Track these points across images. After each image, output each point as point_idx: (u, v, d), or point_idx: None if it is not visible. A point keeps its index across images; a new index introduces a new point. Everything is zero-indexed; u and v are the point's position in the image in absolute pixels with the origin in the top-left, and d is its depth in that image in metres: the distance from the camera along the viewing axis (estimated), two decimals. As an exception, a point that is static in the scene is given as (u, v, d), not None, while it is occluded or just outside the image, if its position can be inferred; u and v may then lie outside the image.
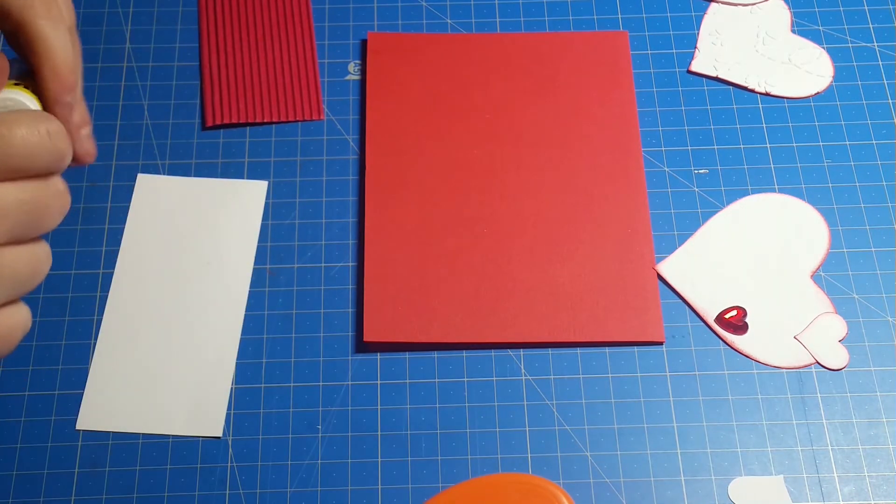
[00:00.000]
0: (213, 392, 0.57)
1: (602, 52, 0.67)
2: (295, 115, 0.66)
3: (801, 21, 0.69)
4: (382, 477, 0.55)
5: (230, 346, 0.58)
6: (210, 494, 0.54)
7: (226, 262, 0.61)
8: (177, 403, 0.57)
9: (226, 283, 0.60)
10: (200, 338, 0.59)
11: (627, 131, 0.64)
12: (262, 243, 0.62)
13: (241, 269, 0.61)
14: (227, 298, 0.60)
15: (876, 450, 0.56)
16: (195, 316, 0.59)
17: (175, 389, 0.57)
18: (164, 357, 0.58)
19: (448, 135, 0.64)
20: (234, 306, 0.60)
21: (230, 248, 0.61)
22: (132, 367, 0.58)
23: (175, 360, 0.58)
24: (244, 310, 0.59)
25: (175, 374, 0.58)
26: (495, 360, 0.58)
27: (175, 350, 0.58)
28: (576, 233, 0.61)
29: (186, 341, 0.59)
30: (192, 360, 0.58)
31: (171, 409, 0.57)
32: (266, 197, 0.63)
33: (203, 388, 0.57)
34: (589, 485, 0.55)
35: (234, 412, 0.57)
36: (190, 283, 0.60)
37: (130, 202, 0.63)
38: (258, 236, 0.62)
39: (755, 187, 0.63)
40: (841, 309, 0.59)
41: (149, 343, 0.59)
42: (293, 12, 0.69)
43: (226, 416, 0.56)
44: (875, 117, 0.65)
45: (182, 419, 0.56)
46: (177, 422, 0.56)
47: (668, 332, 0.59)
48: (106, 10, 0.69)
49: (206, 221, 0.62)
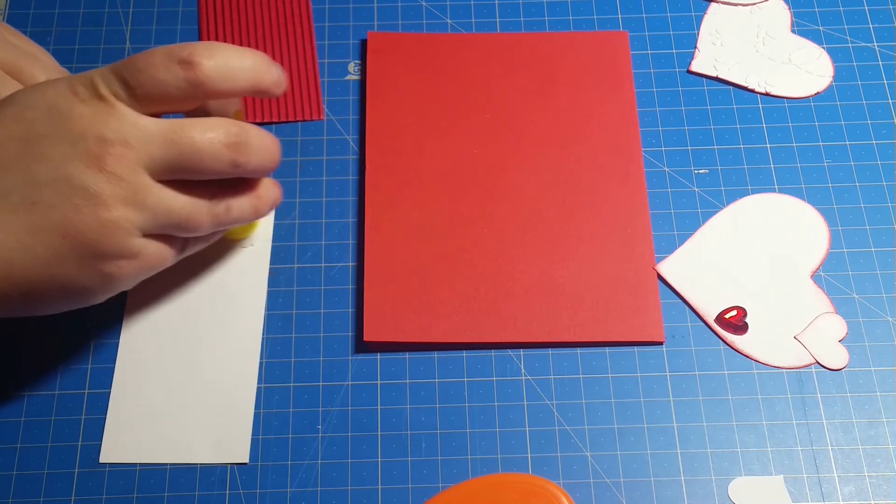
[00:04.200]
0: (236, 418, 0.56)
1: (602, 52, 0.67)
2: (295, 115, 0.66)
3: (801, 21, 0.69)
4: (382, 477, 0.55)
5: (250, 372, 0.57)
6: (210, 494, 0.54)
7: (239, 285, 0.60)
8: (200, 432, 0.56)
9: (240, 309, 0.59)
10: (218, 367, 0.57)
11: (627, 131, 0.64)
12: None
13: (256, 292, 0.60)
14: (243, 324, 0.58)
15: (876, 450, 0.56)
16: (211, 344, 0.58)
17: (196, 418, 0.56)
18: (182, 385, 0.57)
19: (448, 134, 0.64)
20: (251, 332, 0.58)
21: (242, 270, 0.60)
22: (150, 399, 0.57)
23: (193, 389, 0.57)
24: (262, 334, 0.58)
25: (195, 403, 0.56)
26: (495, 360, 0.58)
27: (193, 379, 0.57)
28: (576, 233, 0.61)
29: (204, 370, 0.57)
30: (211, 388, 0.57)
31: (193, 439, 0.56)
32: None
33: (225, 416, 0.56)
34: (589, 485, 0.55)
35: (234, 412, 0.57)
36: (203, 309, 0.59)
37: None
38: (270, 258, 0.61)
39: (755, 187, 0.63)
40: (841, 309, 0.60)
41: (165, 373, 0.57)
42: (293, 12, 0.69)
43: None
44: (875, 117, 0.65)
45: (207, 448, 0.55)
46: (201, 451, 0.55)
47: (668, 332, 0.59)
48: (106, 10, 0.69)
49: (215, 244, 0.60)
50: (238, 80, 0.51)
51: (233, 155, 0.51)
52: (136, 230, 0.50)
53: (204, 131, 0.51)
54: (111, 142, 0.49)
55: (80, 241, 0.49)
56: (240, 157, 0.52)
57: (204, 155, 0.50)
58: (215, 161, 0.51)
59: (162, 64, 0.50)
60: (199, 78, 0.50)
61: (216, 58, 0.50)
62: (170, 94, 0.50)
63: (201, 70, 0.50)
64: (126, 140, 0.49)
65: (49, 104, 0.50)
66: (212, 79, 0.50)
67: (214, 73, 0.50)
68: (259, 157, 0.53)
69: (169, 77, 0.49)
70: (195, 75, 0.50)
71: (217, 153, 0.51)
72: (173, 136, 0.50)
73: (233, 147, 0.51)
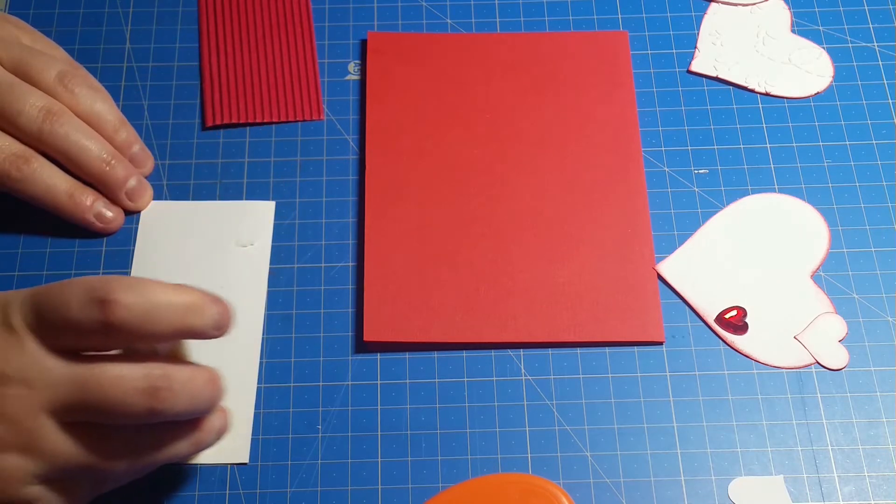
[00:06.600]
0: (236, 418, 0.55)
1: (602, 52, 0.67)
2: (295, 115, 0.66)
3: (801, 21, 0.69)
4: (382, 477, 0.55)
5: (250, 372, 0.57)
6: (210, 494, 0.54)
7: (239, 286, 0.59)
8: None
9: (241, 309, 0.59)
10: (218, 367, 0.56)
11: (627, 131, 0.64)
12: (262, 243, 0.62)
13: (256, 292, 0.60)
14: (243, 324, 0.58)
15: (876, 450, 0.56)
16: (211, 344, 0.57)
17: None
18: None
19: (448, 134, 0.64)
20: (251, 332, 0.58)
21: (242, 271, 0.60)
22: None
23: None
24: (261, 334, 0.58)
25: None
26: (495, 360, 0.58)
27: None
28: (576, 233, 0.61)
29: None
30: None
31: None
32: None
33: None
34: (589, 485, 0.55)
35: (234, 412, 0.57)
36: None
37: (138, 230, 0.62)
38: (269, 258, 0.61)
39: (755, 187, 0.63)
40: (841, 309, 0.60)
41: None
42: (293, 12, 0.69)
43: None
44: (875, 117, 0.65)
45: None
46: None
47: (668, 332, 0.59)
48: (106, 10, 0.69)
49: (215, 246, 0.60)
50: (160, 325, 0.46)
51: (150, 403, 0.45)
52: (30, 478, 0.45)
53: (116, 377, 0.45)
54: (9, 381, 0.44)
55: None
56: (157, 405, 0.46)
57: (114, 402, 0.45)
58: (127, 409, 0.45)
59: (77, 301, 0.45)
60: (112, 322, 0.44)
61: (136, 298, 0.45)
62: (83, 334, 0.45)
63: (116, 313, 0.44)
64: (27, 380, 0.45)
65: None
66: (128, 323, 0.45)
67: (131, 318, 0.45)
68: (185, 402, 0.47)
69: (82, 317, 0.45)
70: (108, 318, 0.44)
71: (130, 401, 0.45)
72: (80, 379, 0.45)
73: (150, 394, 0.45)
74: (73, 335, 0.45)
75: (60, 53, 0.64)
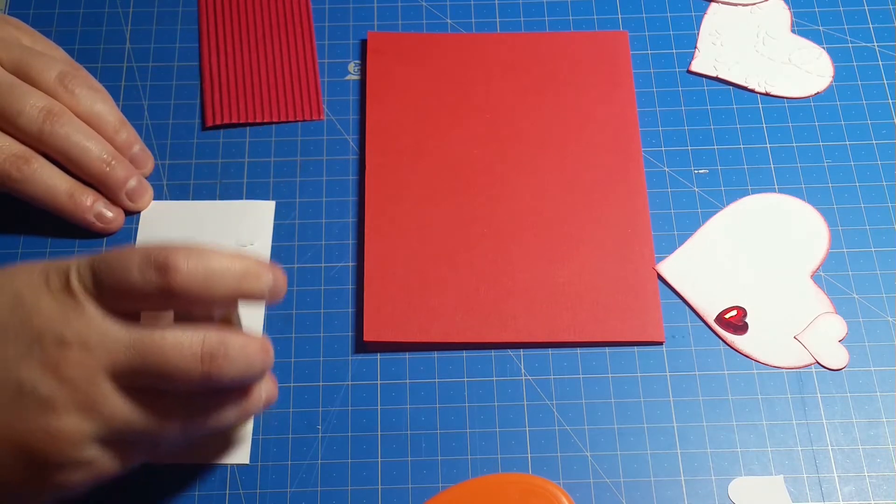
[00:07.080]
0: None
1: (602, 52, 0.67)
2: (295, 115, 0.66)
3: (801, 21, 0.69)
4: (382, 477, 0.55)
5: None
6: (210, 494, 0.54)
7: None
8: None
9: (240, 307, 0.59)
10: None
11: (627, 131, 0.64)
12: (262, 243, 0.62)
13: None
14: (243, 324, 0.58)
15: (876, 450, 0.56)
16: None
17: None
18: None
19: (448, 135, 0.64)
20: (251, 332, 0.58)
21: None
22: None
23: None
24: (261, 334, 0.58)
25: None
26: (495, 360, 0.58)
27: None
28: (576, 233, 0.61)
29: None
30: None
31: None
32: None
33: None
34: (589, 485, 0.55)
35: (234, 412, 0.57)
36: None
37: (138, 231, 0.62)
38: (269, 258, 0.61)
39: (755, 187, 0.63)
40: (841, 309, 0.60)
41: None
42: (293, 12, 0.69)
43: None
44: (875, 117, 0.65)
45: (207, 448, 0.55)
46: (201, 451, 0.55)
47: (668, 332, 0.59)
48: (106, 10, 0.69)
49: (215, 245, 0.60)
50: (218, 290, 0.47)
51: (206, 368, 0.47)
52: (88, 440, 0.46)
53: (176, 343, 0.46)
54: (69, 344, 0.45)
55: (24, 449, 0.45)
56: (214, 371, 0.47)
57: (172, 368, 0.46)
58: (185, 375, 0.46)
59: (136, 267, 0.46)
60: (172, 287, 0.46)
61: (195, 264, 0.46)
62: (142, 298, 0.46)
63: (176, 278, 0.46)
64: (86, 343, 0.45)
65: (16, 292, 0.46)
66: (187, 288, 0.46)
67: (190, 282, 0.46)
68: (239, 369, 0.48)
69: (142, 281, 0.46)
70: (168, 283, 0.46)
71: (187, 367, 0.46)
72: (140, 345, 0.46)
73: (207, 359, 0.47)
74: (132, 300, 0.46)
75: (60, 54, 0.64)
